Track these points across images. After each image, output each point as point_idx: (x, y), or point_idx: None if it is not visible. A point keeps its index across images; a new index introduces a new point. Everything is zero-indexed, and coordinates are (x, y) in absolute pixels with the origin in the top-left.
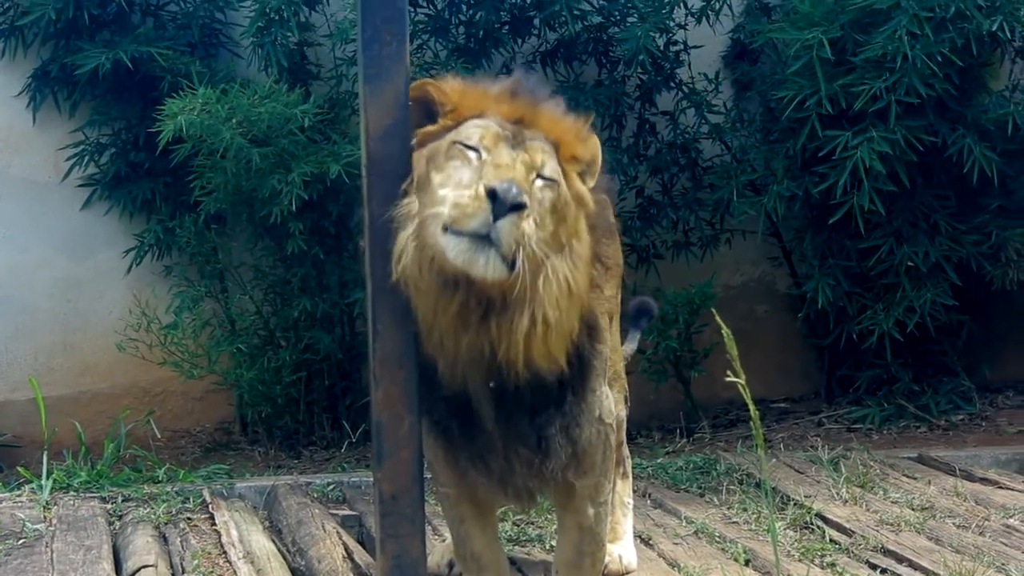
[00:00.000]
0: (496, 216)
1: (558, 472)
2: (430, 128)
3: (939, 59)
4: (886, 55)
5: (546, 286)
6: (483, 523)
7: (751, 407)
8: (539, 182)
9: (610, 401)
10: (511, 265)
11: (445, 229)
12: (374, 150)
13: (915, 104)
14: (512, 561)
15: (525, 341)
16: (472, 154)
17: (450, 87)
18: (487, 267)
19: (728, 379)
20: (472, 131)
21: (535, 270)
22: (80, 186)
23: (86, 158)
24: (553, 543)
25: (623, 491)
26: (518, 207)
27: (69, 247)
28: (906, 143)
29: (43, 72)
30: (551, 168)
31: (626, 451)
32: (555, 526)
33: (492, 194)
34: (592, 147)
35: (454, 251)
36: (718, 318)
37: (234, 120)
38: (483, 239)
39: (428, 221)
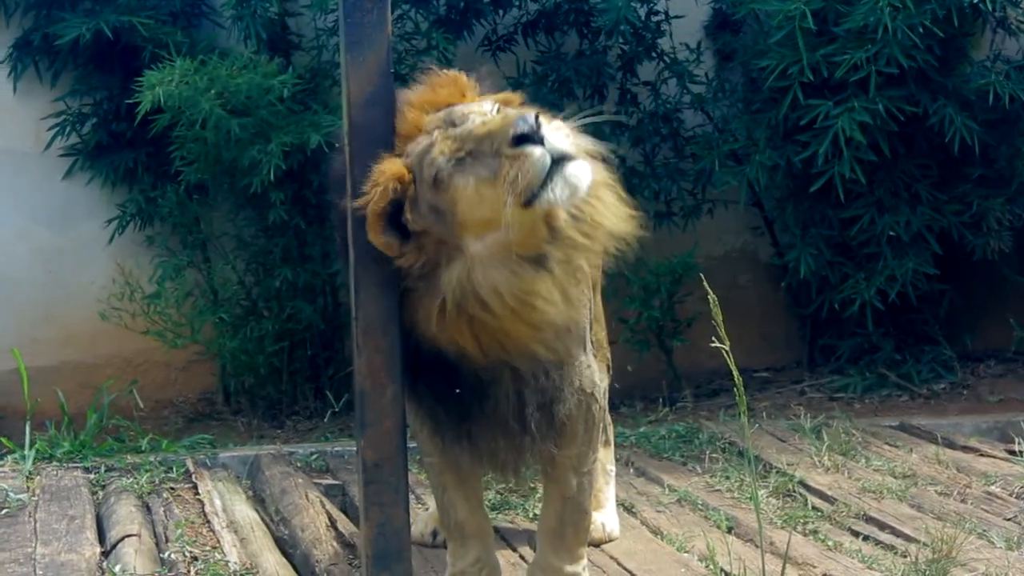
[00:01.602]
0: (541, 141)
1: (540, 444)
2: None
3: (920, 30)
4: (867, 26)
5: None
6: (467, 491)
7: (734, 373)
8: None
9: (592, 371)
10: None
11: (526, 201)
12: (356, 117)
13: (896, 74)
14: (496, 530)
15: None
16: (456, 166)
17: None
18: (585, 175)
19: (713, 345)
20: (433, 157)
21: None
22: (62, 156)
23: (68, 128)
24: (537, 512)
25: (605, 458)
26: (538, 118)
27: (51, 217)
28: (887, 113)
29: (25, 42)
30: (488, 104)
31: (608, 418)
32: (539, 495)
33: (519, 139)
34: (460, 82)
35: (559, 197)
36: (706, 284)
37: (212, 91)
38: (556, 164)
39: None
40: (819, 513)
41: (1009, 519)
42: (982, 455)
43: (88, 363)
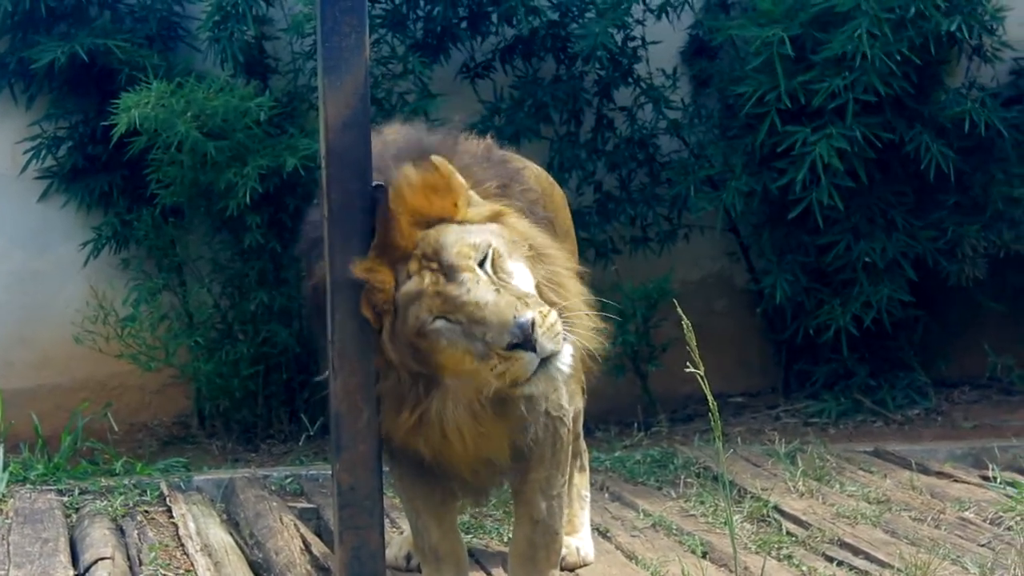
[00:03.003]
0: (532, 347)
1: (509, 471)
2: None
3: (898, 57)
4: (846, 54)
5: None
6: (441, 515)
7: (709, 397)
8: (486, 267)
9: (558, 394)
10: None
11: (511, 386)
12: (333, 141)
13: (874, 102)
14: (470, 552)
15: None
16: (443, 325)
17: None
18: (567, 362)
19: (687, 370)
20: (420, 309)
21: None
22: (37, 179)
23: (43, 151)
24: (510, 534)
25: (580, 484)
26: (533, 323)
27: (26, 240)
28: (864, 140)
29: (0, 65)
30: (478, 238)
31: (583, 444)
32: (512, 517)
33: (514, 347)
34: (453, 187)
35: (541, 388)
36: (679, 309)
37: (189, 114)
38: (543, 363)
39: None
40: (793, 538)
41: (983, 545)
42: (956, 481)
43: (63, 386)
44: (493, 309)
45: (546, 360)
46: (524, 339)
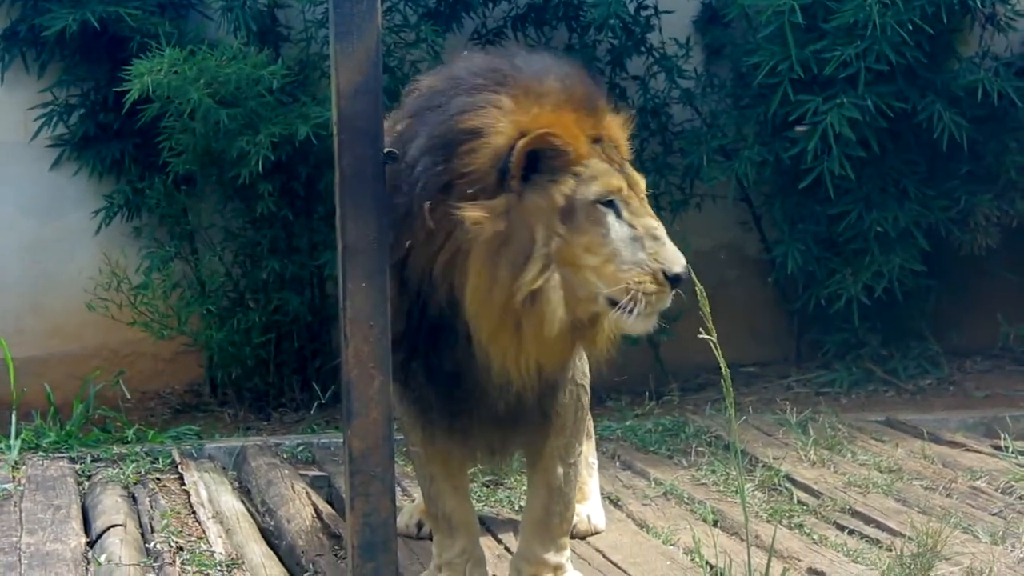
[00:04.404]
0: (674, 290)
1: (532, 434)
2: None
3: (909, 27)
4: (856, 22)
5: None
6: (454, 482)
7: (722, 365)
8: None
9: (583, 362)
10: None
11: (615, 305)
12: (345, 108)
13: (886, 71)
14: (481, 520)
15: None
16: (611, 214)
17: (564, 134)
18: (651, 329)
19: (700, 336)
20: (600, 186)
21: None
22: (49, 146)
23: (55, 119)
24: (522, 503)
25: (587, 451)
26: (689, 275)
27: (38, 208)
28: (876, 109)
29: (12, 32)
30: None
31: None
32: (523, 487)
33: (676, 279)
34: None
35: (639, 328)
36: (693, 277)
37: (202, 81)
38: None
39: (577, 287)
40: (804, 507)
41: (994, 514)
42: (968, 450)
43: (75, 354)
44: (671, 243)
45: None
46: (679, 282)
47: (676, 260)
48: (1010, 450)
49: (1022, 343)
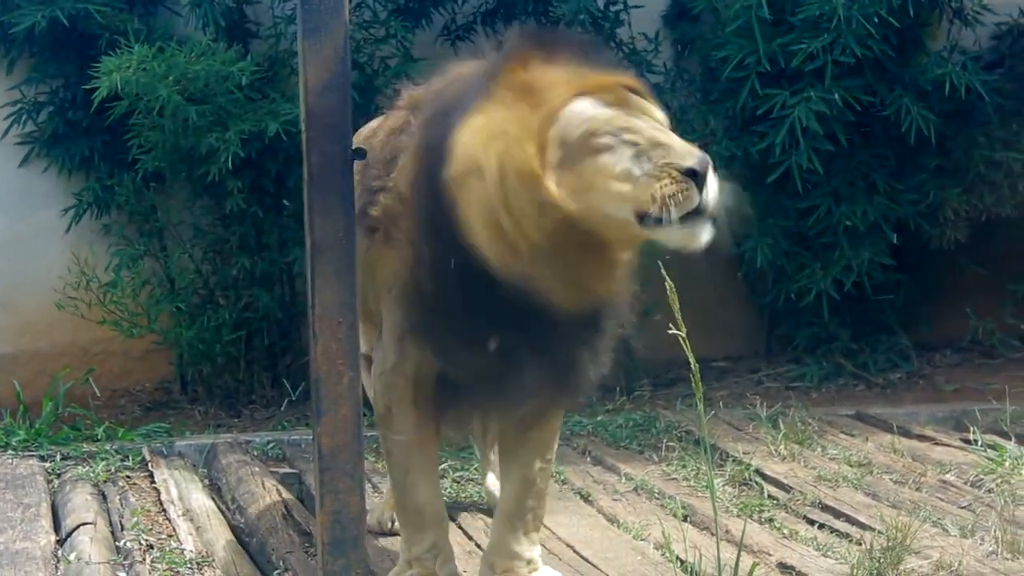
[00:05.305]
0: (700, 187)
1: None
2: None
3: (876, 20)
4: (822, 15)
5: None
6: (428, 475)
7: (691, 360)
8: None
9: None
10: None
11: (643, 219)
12: (313, 105)
13: (853, 64)
14: (451, 516)
15: None
16: (616, 140)
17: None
18: (705, 237)
19: (670, 332)
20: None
21: None
22: (18, 144)
23: (24, 116)
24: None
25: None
26: (710, 162)
27: (7, 205)
28: (844, 103)
29: None
30: (660, 115)
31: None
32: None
33: (692, 172)
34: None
35: (675, 241)
36: (663, 270)
37: (171, 78)
38: (693, 214)
39: (609, 217)
40: (775, 501)
41: (963, 507)
42: (937, 444)
43: (44, 352)
44: (678, 140)
45: (697, 214)
46: (702, 171)
47: (686, 155)
48: (979, 443)
49: (991, 336)
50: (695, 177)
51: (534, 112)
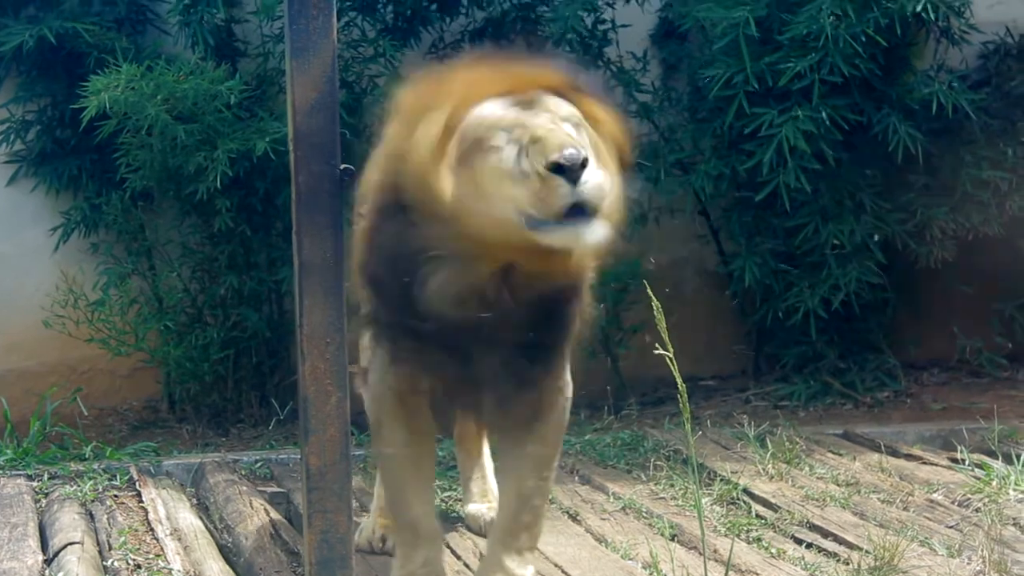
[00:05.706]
0: (574, 182)
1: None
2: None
3: (863, 39)
4: (810, 34)
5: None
6: (422, 490)
7: (678, 380)
8: (567, 127)
9: (567, 384)
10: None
11: (530, 223)
12: (301, 125)
13: (840, 83)
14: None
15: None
16: (505, 140)
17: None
18: (592, 237)
19: (657, 352)
20: (488, 128)
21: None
22: (6, 163)
23: (12, 135)
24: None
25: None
26: (584, 162)
27: None
28: (831, 122)
29: None
30: (567, 111)
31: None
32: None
33: (558, 167)
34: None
35: (558, 241)
36: (649, 290)
37: (159, 97)
38: (574, 211)
39: (503, 219)
40: (763, 521)
41: (951, 527)
42: (925, 463)
43: (32, 370)
44: (554, 131)
45: (579, 212)
46: (569, 166)
47: (553, 149)
48: (966, 463)
49: (978, 355)
50: (563, 172)
51: (444, 116)
